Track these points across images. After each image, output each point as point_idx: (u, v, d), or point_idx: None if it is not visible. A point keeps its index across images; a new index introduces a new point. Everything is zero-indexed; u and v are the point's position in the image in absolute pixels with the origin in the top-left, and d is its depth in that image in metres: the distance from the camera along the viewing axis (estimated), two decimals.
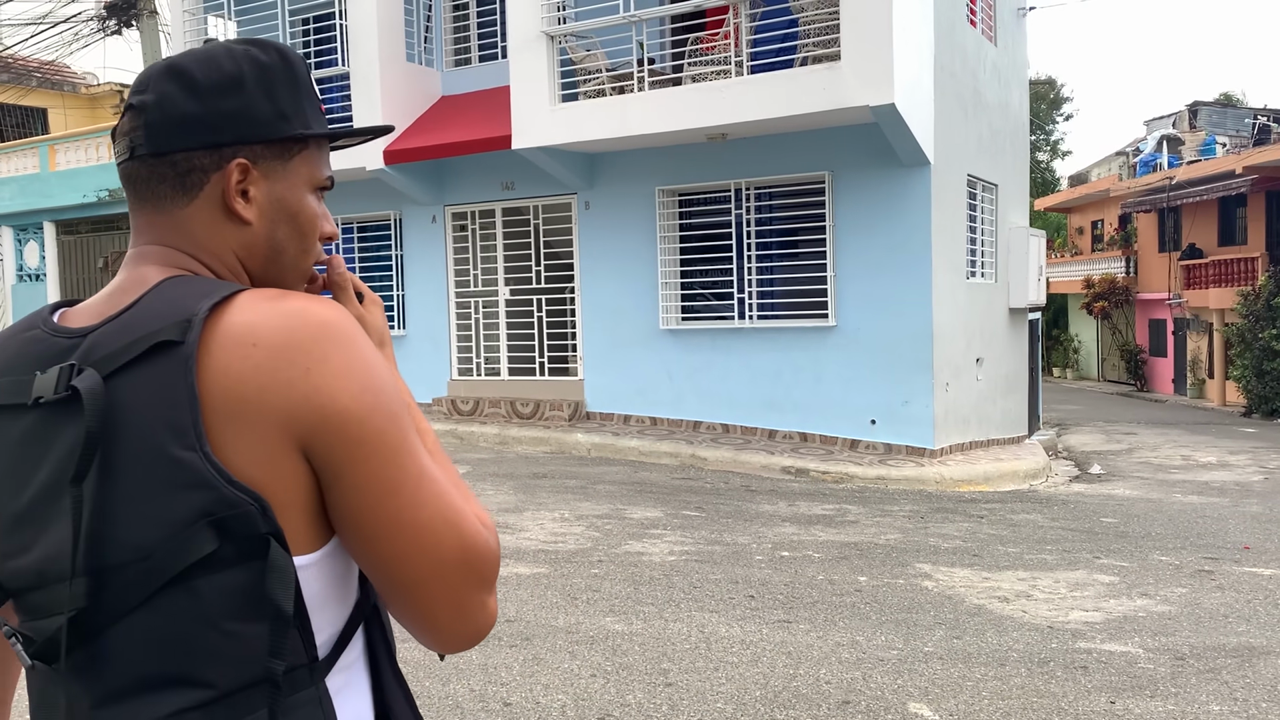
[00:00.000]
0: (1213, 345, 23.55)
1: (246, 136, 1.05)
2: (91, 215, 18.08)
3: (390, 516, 0.95)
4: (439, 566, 0.97)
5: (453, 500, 0.98)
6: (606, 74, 11.10)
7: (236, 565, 0.91)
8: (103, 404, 0.92)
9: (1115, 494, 9.92)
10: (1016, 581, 6.15)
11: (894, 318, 10.45)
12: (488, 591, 1.00)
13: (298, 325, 0.94)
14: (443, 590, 0.97)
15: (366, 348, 0.98)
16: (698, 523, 7.61)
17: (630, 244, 11.85)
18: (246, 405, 0.92)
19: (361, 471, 0.94)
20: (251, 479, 0.92)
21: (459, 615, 0.99)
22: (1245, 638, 5.12)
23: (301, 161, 1.10)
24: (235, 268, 1.08)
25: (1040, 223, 34.14)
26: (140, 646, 0.92)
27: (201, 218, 1.05)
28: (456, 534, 0.97)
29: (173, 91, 1.04)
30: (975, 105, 11.98)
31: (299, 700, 0.96)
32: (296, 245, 1.11)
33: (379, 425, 0.95)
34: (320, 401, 0.93)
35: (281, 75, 1.08)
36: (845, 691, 4.26)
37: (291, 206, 1.09)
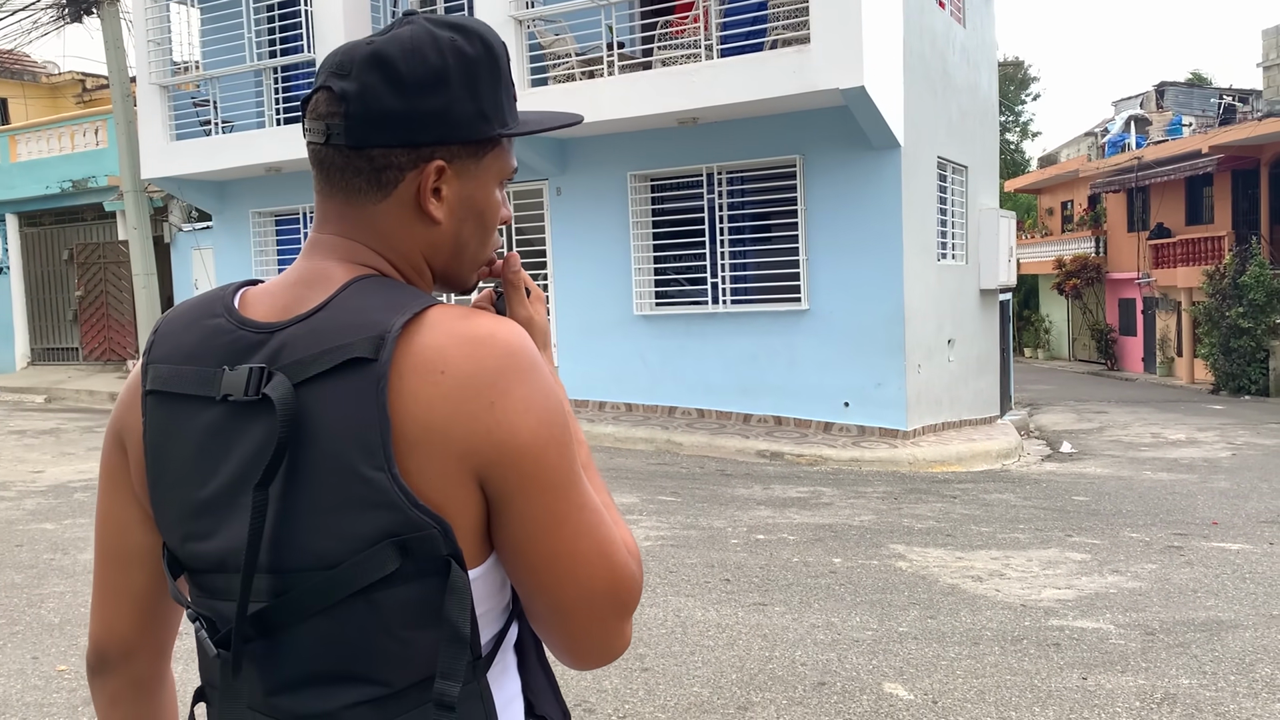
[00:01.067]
0: (1181, 324, 23.82)
1: (447, 137, 1.03)
2: (55, 207, 17.83)
3: (550, 547, 0.98)
4: (589, 595, 0.99)
5: (607, 531, 1.01)
6: (576, 58, 11.04)
7: (415, 580, 0.95)
8: (293, 413, 0.93)
9: (1086, 472, 10.02)
10: (990, 561, 6.20)
11: (866, 300, 10.49)
12: (627, 619, 1.03)
13: (485, 354, 0.95)
14: (587, 617, 1.00)
15: (545, 376, 0.99)
16: (673, 508, 7.61)
17: (603, 230, 11.81)
18: (433, 433, 0.94)
19: (531, 504, 0.97)
20: (433, 502, 0.94)
21: (598, 641, 1.02)
22: (1214, 612, 5.18)
23: (494, 158, 1.08)
24: (419, 265, 1.08)
25: (1010, 204, 34.35)
26: (318, 645, 0.97)
27: (392, 215, 1.04)
28: (608, 566, 1.00)
29: (376, 84, 1.01)
30: (945, 87, 12.01)
31: (462, 695, 0.98)
32: (479, 239, 1.10)
33: (552, 460, 0.97)
34: (501, 436, 0.95)
35: (485, 69, 1.05)
36: (821, 673, 4.28)
37: (480, 204, 1.08)
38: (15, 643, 4.70)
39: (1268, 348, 19.34)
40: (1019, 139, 44.10)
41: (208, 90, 13.96)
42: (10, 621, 4.99)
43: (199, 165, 13.52)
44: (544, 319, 1.17)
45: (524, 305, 1.15)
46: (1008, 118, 41.84)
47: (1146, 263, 25.80)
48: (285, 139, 12.73)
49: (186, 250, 16.11)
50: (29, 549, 6.36)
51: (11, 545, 6.47)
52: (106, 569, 1.11)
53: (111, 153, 16.14)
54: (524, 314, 1.15)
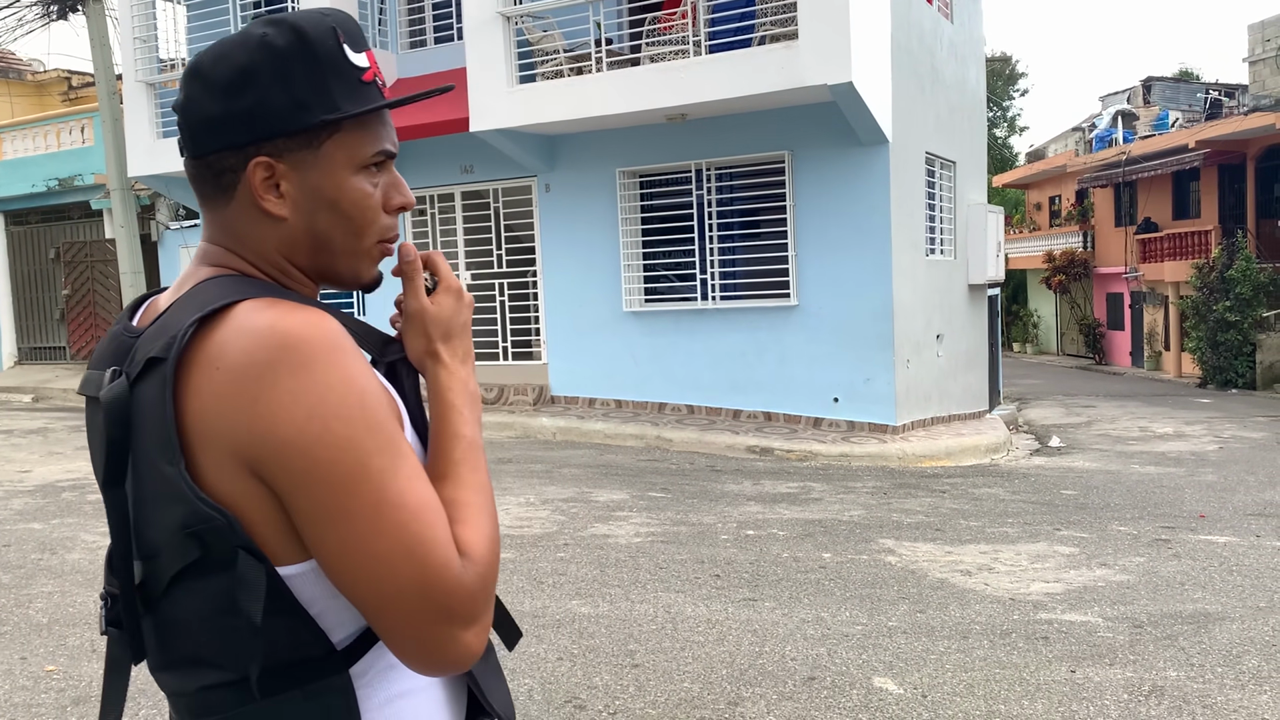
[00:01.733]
0: (1168, 318, 23.92)
1: (265, 133, 1.03)
2: (41, 205, 17.73)
3: (338, 545, 0.95)
4: (395, 597, 0.95)
5: (418, 530, 0.95)
6: (564, 55, 11.02)
7: (224, 571, 0.97)
8: (121, 413, 0.99)
9: (1075, 466, 10.06)
10: (978, 555, 6.22)
11: (855, 296, 10.51)
12: (459, 626, 0.97)
13: (257, 347, 0.94)
14: (399, 620, 0.96)
15: (328, 370, 0.95)
16: (663, 504, 7.62)
17: (592, 226, 11.80)
18: (210, 428, 0.96)
19: (307, 499, 0.95)
20: (221, 495, 0.96)
21: (420, 646, 0.97)
22: (1201, 604, 5.21)
23: (335, 145, 1.06)
24: (279, 263, 1.08)
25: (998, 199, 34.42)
26: (168, 630, 1.03)
27: (241, 216, 1.07)
28: (416, 566, 0.95)
29: (196, 93, 1.05)
30: (932, 83, 12.03)
31: (324, 686, 1.01)
32: (343, 230, 1.08)
33: (325, 455, 0.94)
34: (262, 430, 0.94)
35: (298, 59, 1.03)
36: (810, 667, 4.30)
37: (329, 194, 1.06)
38: (3, 643, 4.68)
39: (1254, 341, 19.43)
40: (1007, 134, 44.22)
41: None
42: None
43: None
44: (443, 310, 1.14)
45: (415, 297, 1.13)
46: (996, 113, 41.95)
47: (1134, 257, 25.90)
48: None
49: (174, 248, 16.04)
50: (16, 549, 6.33)
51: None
52: None
53: (98, 151, 16.05)
54: (414, 306, 1.13)
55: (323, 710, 1.01)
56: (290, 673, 1.00)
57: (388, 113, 1.11)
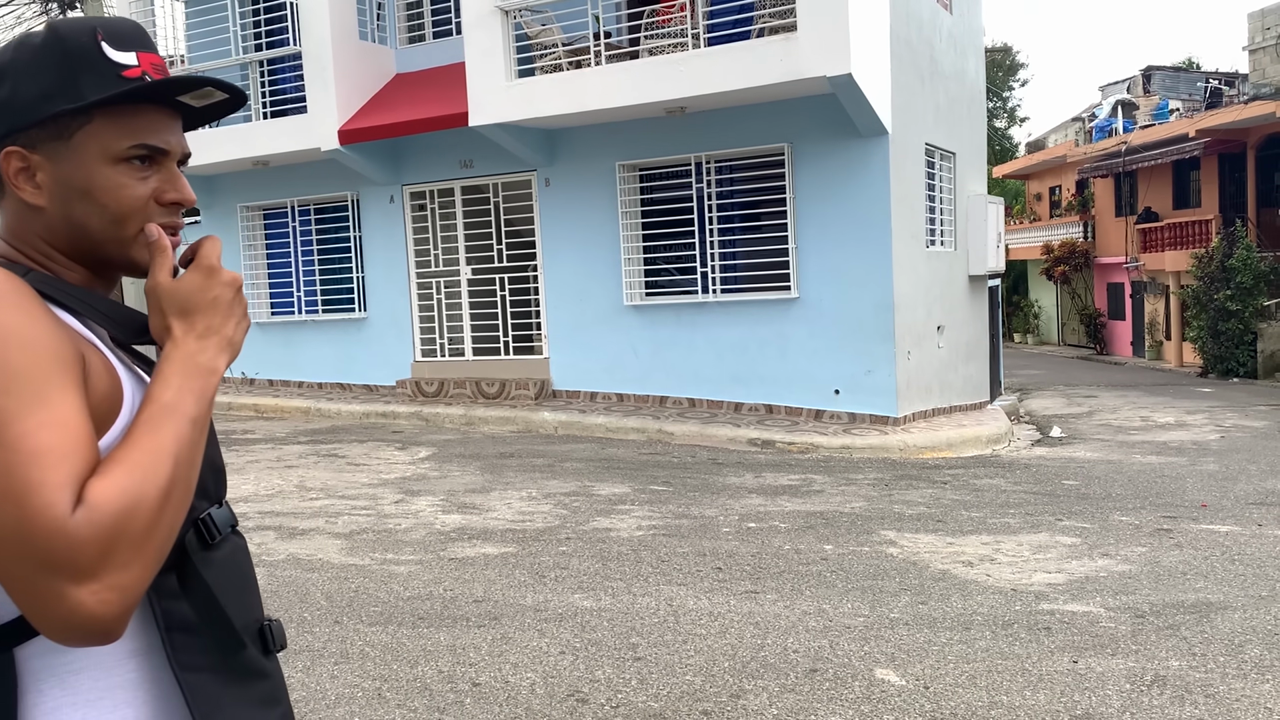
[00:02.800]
0: (1169, 307, 23.90)
1: (15, 124, 1.08)
2: None
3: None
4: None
5: (26, 472, 0.91)
6: (563, 48, 11.01)
7: None
8: None
9: (1076, 456, 10.06)
10: (980, 546, 6.23)
11: (855, 288, 10.50)
12: (66, 579, 0.90)
13: None
14: (5, 571, 0.92)
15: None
16: (665, 497, 7.63)
17: (592, 220, 11.80)
18: None
19: None
20: None
21: (29, 600, 0.92)
22: (1203, 594, 5.22)
23: (86, 136, 1.09)
24: (46, 250, 1.13)
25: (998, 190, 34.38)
26: None
27: (10, 207, 1.12)
28: (15, 507, 0.90)
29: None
30: (932, 74, 12.01)
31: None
32: (100, 219, 1.11)
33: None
34: None
35: (48, 54, 1.09)
36: (813, 659, 4.30)
37: (80, 183, 1.10)
38: None
39: (1255, 330, 19.41)
40: (1007, 125, 44.15)
41: None
42: None
43: None
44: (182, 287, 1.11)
45: (153, 274, 1.12)
46: (995, 104, 41.88)
47: (1134, 247, 25.86)
48: (272, 133, 12.68)
49: None
50: None
51: None
52: None
53: None
54: (149, 284, 1.13)
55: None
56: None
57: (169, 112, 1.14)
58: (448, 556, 6.01)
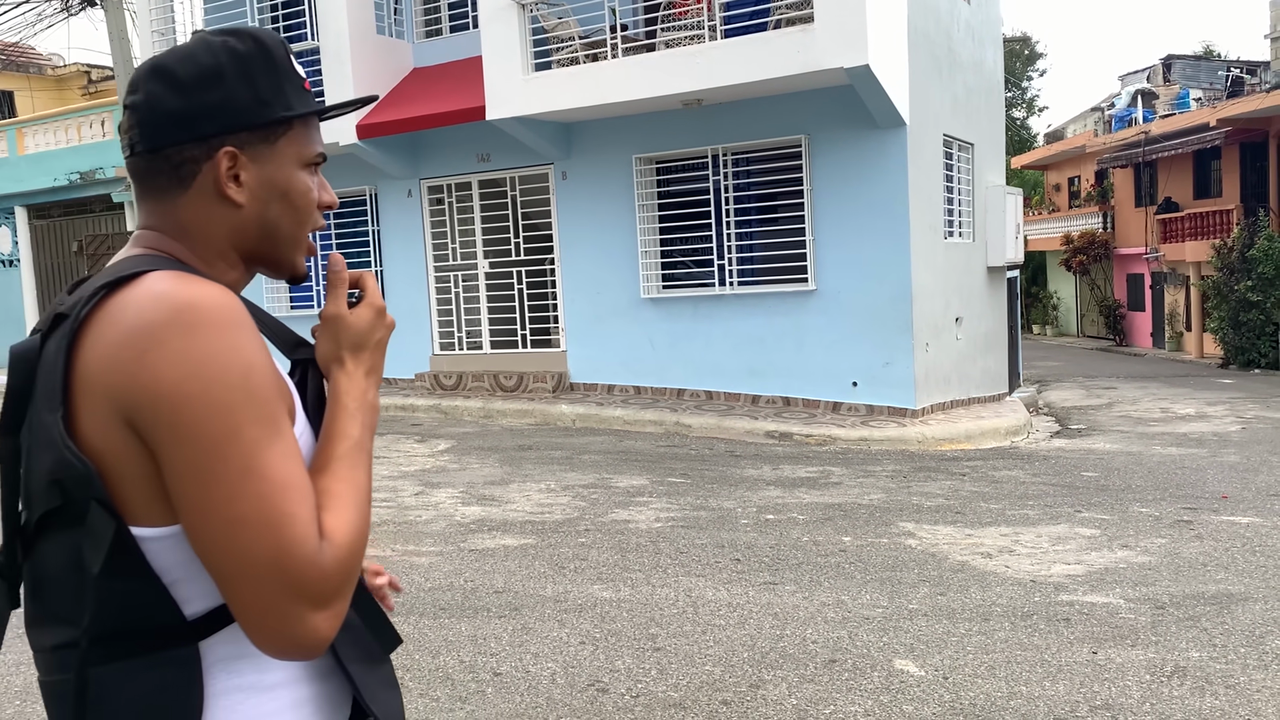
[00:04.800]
0: (1190, 298, 23.73)
1: (230, 125, 1.12)
2: (63, 199, 17.87)
3: (200, 505, 0.98)
4: (249, 566, 0.97)
5: (279, 503, 0.97)
6: (579, 41, 11.01)
7: (80, 524, 1.01)
8: (23, 364, 1.05)
9: (1095, 448, 10.03)
10: (999, 537, 6.22)
11: (873, 279, 10.48)
12: (310, 606, 0.98)
13: (155, 308, 1.00)
14: (252, 592, 0.97)
15: (220, 337, 0.99)
16: (683, 489, 7.65)
17: (609, 213, 11.81)
18: (94, 379, 1.00)
19: (177, 456, 0.98)
20: (92, 448, 1.00)
21: (271, 623, 0.98)
22: (1223, 585, 5.20)
23: (288, 142, 1.16)
24: (223, 250, 1.16)
25: (1017, 181, 34.20)
26: (38, 583, 1.07)
27: (195, 204, 1.13)
28: (273, 537, 0.97)
29: (159, 90, 1.11)
30: (950, 64, 11.95)
31: (168, 657, 1.03)
32: (290, 220, 1.18)
33: (197, 414, 0.97)
34: (144, 381, 0.98)
35: (259, 61, 1.14)
36: (831, 650, 4.32)
37: (281, 185, 1.16)
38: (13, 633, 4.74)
39: (1277, 321, 19.26)
40: (1025, 115, 43.87)
41: None
42: None
43: None
44: (359, 321, 1.18)
45: (334, 303, 1.19)
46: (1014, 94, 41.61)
47: (1154, 237, 25.68)
48: None
49: None
50: None
51: None
52: None
53: (118, 144, 16.15)
54: (330, 311, 1.19)
55: (161, 681, 1.02)
56: (138, 638, 1.02)
57: (316, 123, 1.22)
58: (468, 548, 6.05)
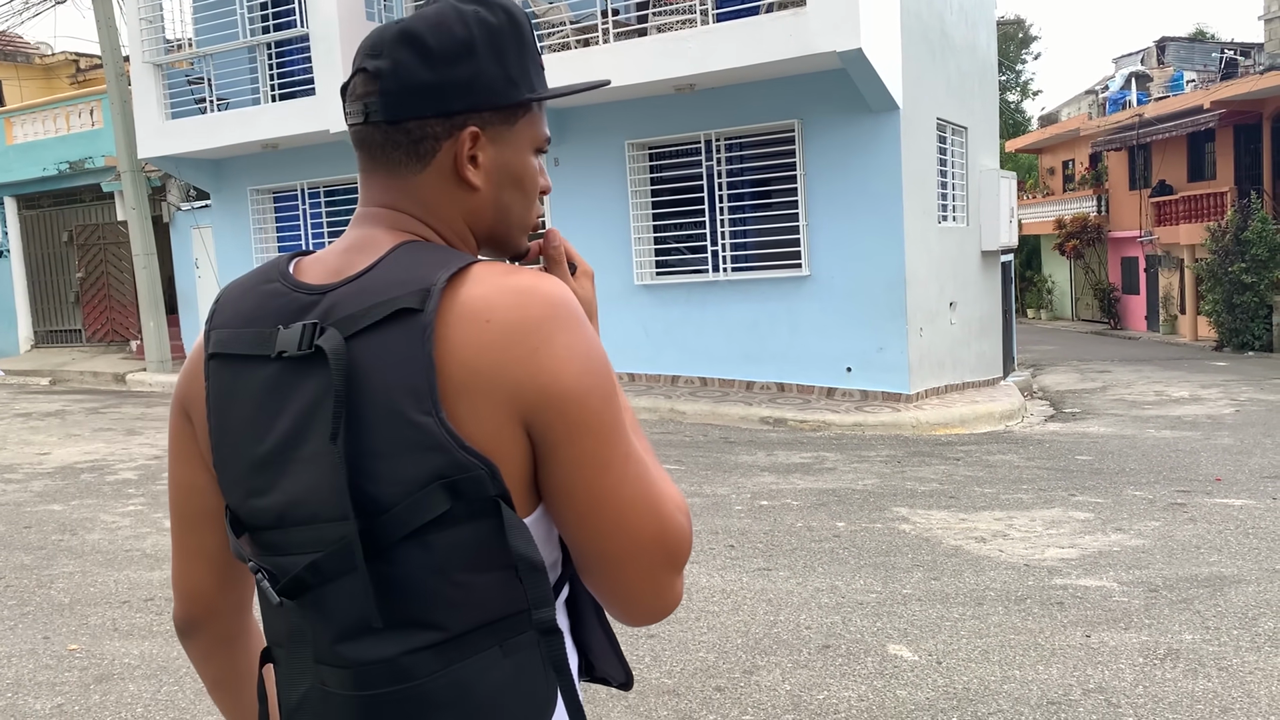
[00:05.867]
0: (1184, 281, 23.74)
1: (478, 104, 1.07)
2: (53, 189, 17.78)
3: (597, 493, 1.00)
4: (637, 544, 1.01)
5: (654, 482, 1.03)
6: (570, 26, 10.95)
7: (465, 523, 0.97)
8: (345, 364, 0.97)
9: (1090, 432, 10.03)
10: (993, 521, 6.23)
11: (867, 264, 10.46)
12: (677, 573, 1.04)
13: (529, 304, 0.99)
14: (637, 568, 1.02)
15: (587, 328, 1.01)
16: (677, 475, 7.64)
17: (601, 199, 11.77)
18: (479, 378, 0.97)
19: (576, 449, 0.99)
20: (481, 445, 0.97)
21: (649, 593, 1.03)
22: (1217, 568, 5.21)
23: (526, 124, 1.11)
24: (462, 232, 1.11)
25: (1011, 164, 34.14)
26: (389, 590, 0.99)
27: (432, 184, 1.08)
28: (655, 515, 1.01)
29: (407, 59, 1.05)
30: (943, 48, 11.91)
31: (521, 642, 1.02)
32: (521, 205, 1.14)
33: (596, 406, 0.99)
34: (544, 381, 0.97)
35: (510, 37, 1.09)
36: (825, 635, 4.31)
37: (517, 170, 1.12)
38: (26, 623, 4.74)
39: (1271, 303, 19.28)
40: (1019, 98, 43.78)
41: (202, 68, 13.88)
42: (21, 602, 5.03)
43: (195, 143, 13.47)
44: (588, 293, 1.21)
45: (567, 278, 1.18)
46: (1008, 77, 41.52)
47: (1149, 220, 25.68)
48: (281, 115, 12.67)
49: (186, 229, 16.08)
50: (37, 530, 6.40)
51: (20, 527, 6.51)
52: (183, 533, 1.17)
53: (107, 133, 16.07)
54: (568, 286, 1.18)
55: (517, 666, 1.02)
56: (495, 628, 1.01)
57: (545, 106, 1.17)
58: None
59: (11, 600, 5.07)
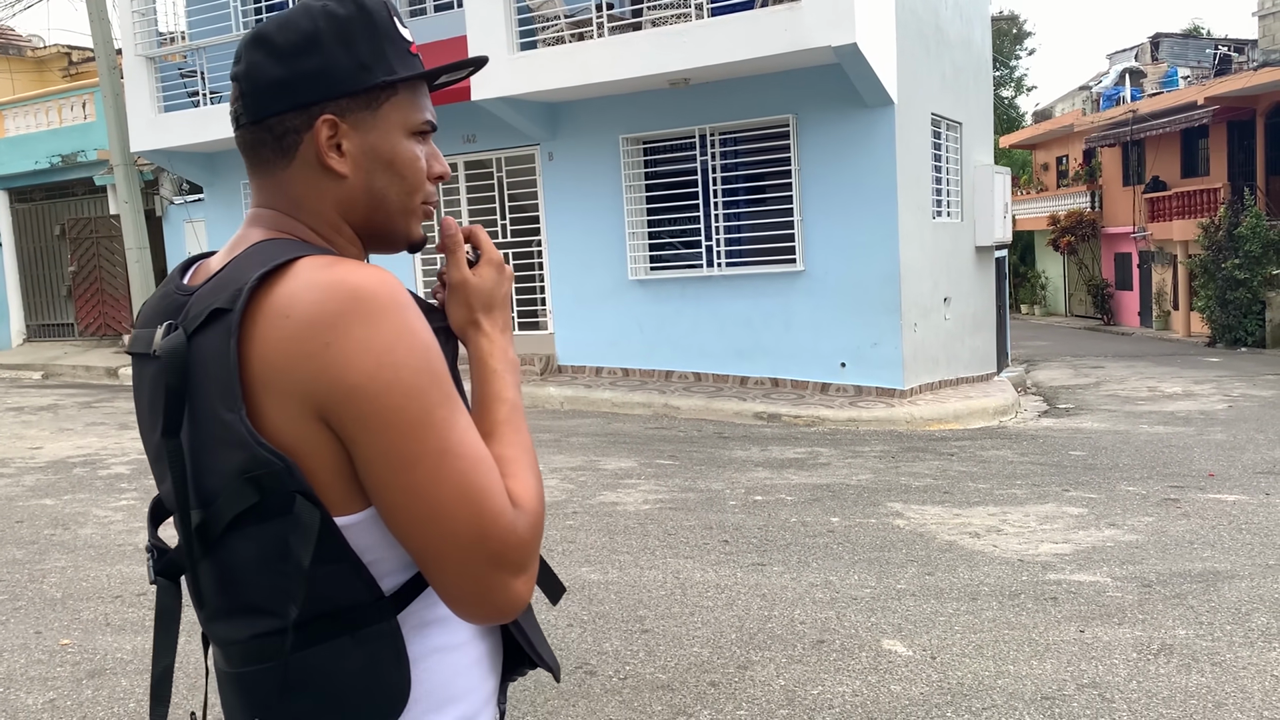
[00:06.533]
0: (1177, 277, 23.78)
1: (330, 92, 1.09)
2: (45, 182, 17.70)
3: (402, 491, 0.99)
4: (453, 543, 0.99)
5: (476, 479, 1.00)
6: (565, 20, 10.93)
7: (280, 516, 1.00)
8: (180, 363, 1.02)
9: (1083, 427, 10.05)
10: (987, 517, 6.23)
11: (861, 260, 10.46)
12: (510, 573, 1.02)
13: (328, 298, 0.99)
14: (455, 566, 1.00)
15: (396, 322, 0.99)
16: (671, 471, 7.64)
17: (596, 194, 11.75)
18: (277, 374, 0.99)
19: (374, 445, 0.99)
20: (282, 442, 0.99)
21: (474, 593, 1.01)
22: (1210, 563, 5.22)
23: (392, 108, 1.12)
24: (335, 223, 1.13)
25: (1005, 160, 34.17)
26: (221, 578, 1.06)
27: (301, 177, 1.11)
28: (474, 513, 0.99)
29: (259, 59, 1.10)
30: (938, 43, 11.90)
31: (373, 632, 1.05)
32: (398, 189, 1.14)
33: (393, 401, 0.98)
34: (333, 376, 0.97)
35: (359, 25, 1.10)
36: (820, 631, 4.31)
37: (386, 154, 1.12)
38: (18, 618, 4.72)
39: (1264, 299, 19.32)
40: (1014, 94, 43.81)
41: (195, 61, 13.82)
42: (12, 597, 5.02)
43: (188, 137, 13.42)
44: (484, 282, 1.19)
45: (458, 269, 1.18)
46: (1002, 73, 41.55)
47: (1142, 216, 25.71)
48: None
49: (179, 223, 16.03)
50: (29, 525, 6.38)
51: (12, 521, 6.49)
52: None
53: (100, 126, 16.00)
54: (457, 277, 1.18)
55: (370, 656, 1.05)
56: (341, 618, 1.04)
57: (427, 88, 1.18)
58: None
59: (3, 595, 5.05)
